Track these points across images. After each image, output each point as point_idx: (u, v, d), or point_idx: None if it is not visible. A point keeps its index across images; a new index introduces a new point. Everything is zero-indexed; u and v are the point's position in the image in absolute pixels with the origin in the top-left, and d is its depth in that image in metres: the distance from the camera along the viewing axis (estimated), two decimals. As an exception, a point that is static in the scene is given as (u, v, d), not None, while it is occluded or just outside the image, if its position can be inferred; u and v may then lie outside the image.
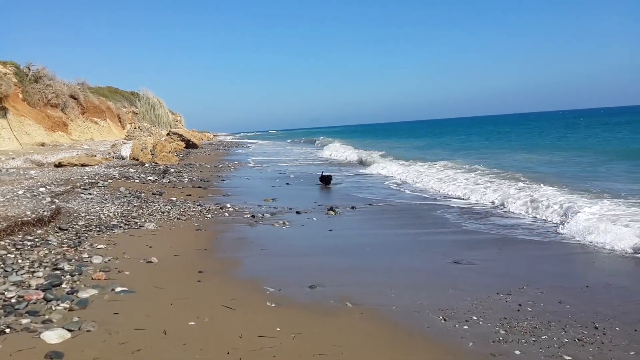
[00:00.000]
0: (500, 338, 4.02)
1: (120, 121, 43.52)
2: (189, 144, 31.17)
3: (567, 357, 3.64)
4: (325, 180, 14.95)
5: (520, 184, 12.28)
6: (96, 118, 36.67)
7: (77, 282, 5.06)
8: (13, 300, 4.44)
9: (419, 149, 34.54)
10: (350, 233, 8.36)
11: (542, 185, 11.60)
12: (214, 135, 69.59)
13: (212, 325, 4.09)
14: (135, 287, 5.00)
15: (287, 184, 15.75)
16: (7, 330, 3.81)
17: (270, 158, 28.67)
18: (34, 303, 4.42)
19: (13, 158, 17.21)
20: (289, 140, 65.87)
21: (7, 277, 5.02)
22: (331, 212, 10.15)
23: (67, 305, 4.38)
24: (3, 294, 4.58)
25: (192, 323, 4.12)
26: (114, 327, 3.96)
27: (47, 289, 4.72)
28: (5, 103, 23.00)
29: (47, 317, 4.13)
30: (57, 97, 29.18)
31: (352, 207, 10.77)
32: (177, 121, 54.17)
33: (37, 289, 4.73)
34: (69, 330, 3.83)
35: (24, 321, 4.00)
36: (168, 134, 32.15)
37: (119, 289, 4.91)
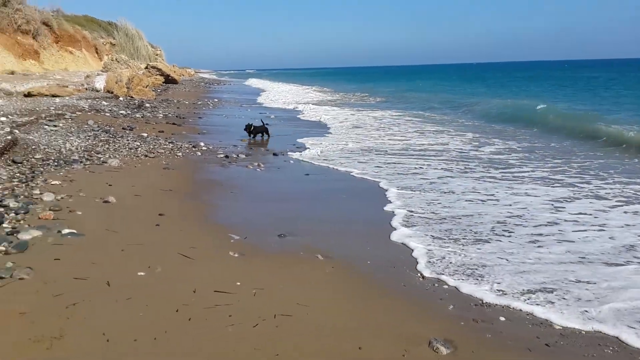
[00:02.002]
0: (486, 301, 3.65)
1: (97, 52, 41.69)
2: (168, 79, 29.97)
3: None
4: (255, 131, 11.97)
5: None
6: (71, 48, 34.98)
7: (22, 222, 4.55)
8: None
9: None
10: (328, 178, 7.89)
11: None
12: (195, 72, 67.60)
13: (164, 277, 3.64)
14: (85, 229, 4.51)
15: (267, 124, 15.10)
16: None
17: (252, 97, 27.78)
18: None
19: (-23, 85, 16.20)
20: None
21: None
22: (310, 155, 9.65)
23: (3, 249, 3.89)
24: None
25: (142, 273, 3.67)
26: (51, 275, 3.49)
27: (-18, 229, 4.22)
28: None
29: (-26, 261, 3.65)
30: (27, 23, 27.57)
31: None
32: (157, 55, 52.16)
33: (-30, 228, 4.23)
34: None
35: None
36: (146, 68, 30.82)
37: (66, 230, 4.41)
